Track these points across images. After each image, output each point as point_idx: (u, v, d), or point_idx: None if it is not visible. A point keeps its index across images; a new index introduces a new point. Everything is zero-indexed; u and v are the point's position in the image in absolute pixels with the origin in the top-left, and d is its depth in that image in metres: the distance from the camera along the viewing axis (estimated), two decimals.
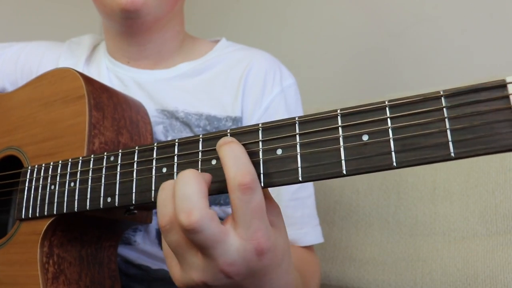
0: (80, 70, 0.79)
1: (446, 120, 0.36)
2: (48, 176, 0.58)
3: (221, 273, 0.40)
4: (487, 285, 0.72)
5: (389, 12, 1.23)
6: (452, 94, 0.36)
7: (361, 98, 1.11)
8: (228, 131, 0.45)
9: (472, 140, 0.34)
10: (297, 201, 0.75)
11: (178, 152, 0.48)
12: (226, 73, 0.81)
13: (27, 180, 0.60)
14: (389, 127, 0.38)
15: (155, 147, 0.49)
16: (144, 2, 0.72)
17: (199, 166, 0.46)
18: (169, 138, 0.75)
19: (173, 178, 0.47)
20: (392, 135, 0.37)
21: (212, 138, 0.46)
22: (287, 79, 0.83)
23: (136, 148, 0.51)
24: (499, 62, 1.02)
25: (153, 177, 0.49)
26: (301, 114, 0.83)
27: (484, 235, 0.78)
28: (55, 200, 0.56)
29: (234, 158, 0.40)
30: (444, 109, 0.36)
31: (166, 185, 0.42)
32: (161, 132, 0.75)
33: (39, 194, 0.58)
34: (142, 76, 0.81)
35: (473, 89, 0.35)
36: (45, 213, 0.56)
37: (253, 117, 0.77)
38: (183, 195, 0.38)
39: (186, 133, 0.76)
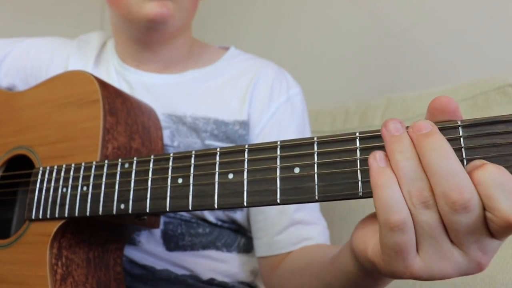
0: (90, 71, 0.79)
1: (463, 150, 0.37)
2: (60, 178, 0.58)
3: (476, 268, 0.36)
4: (486, 285, 0.71)
5: (389, 13, 1.24)
6: (469, 125, 0.37)
7: (360, 99, 1.12)
8: (247, 146, 0.46)
9: None
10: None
11: (194, 163, 0.48)
12: (234, 81, 0.83)
13: (39, 180, 0.60)
14: None
15: (171, 157, 0.50)
16: (171, 15, 0.73)
17: (216, 179, 0.46)
18: (175, 143, 0.76)
19: (188, 190, 0.48)
20: None
21: (229, 152, 0.47)
22: (293, 88, 0.86)
23: (152, 157, 0.51)
24: (498, 63, 1.01)
25: (168, 187, 0.49)
26: (307, 121, 0.86)
27: None
28: (67, 203, 0.56)
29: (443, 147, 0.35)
30: (461, 138, 0.37)
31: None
32: (167, 136, 0.76)
33: (51, 195, 0.58)
34: (150, 80, 0.82)
35: (490, 121, 0.37)
36: (56, 215, 0.57)
37: (260, 122, 0.80)
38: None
39: (192, 138, 0.76)
